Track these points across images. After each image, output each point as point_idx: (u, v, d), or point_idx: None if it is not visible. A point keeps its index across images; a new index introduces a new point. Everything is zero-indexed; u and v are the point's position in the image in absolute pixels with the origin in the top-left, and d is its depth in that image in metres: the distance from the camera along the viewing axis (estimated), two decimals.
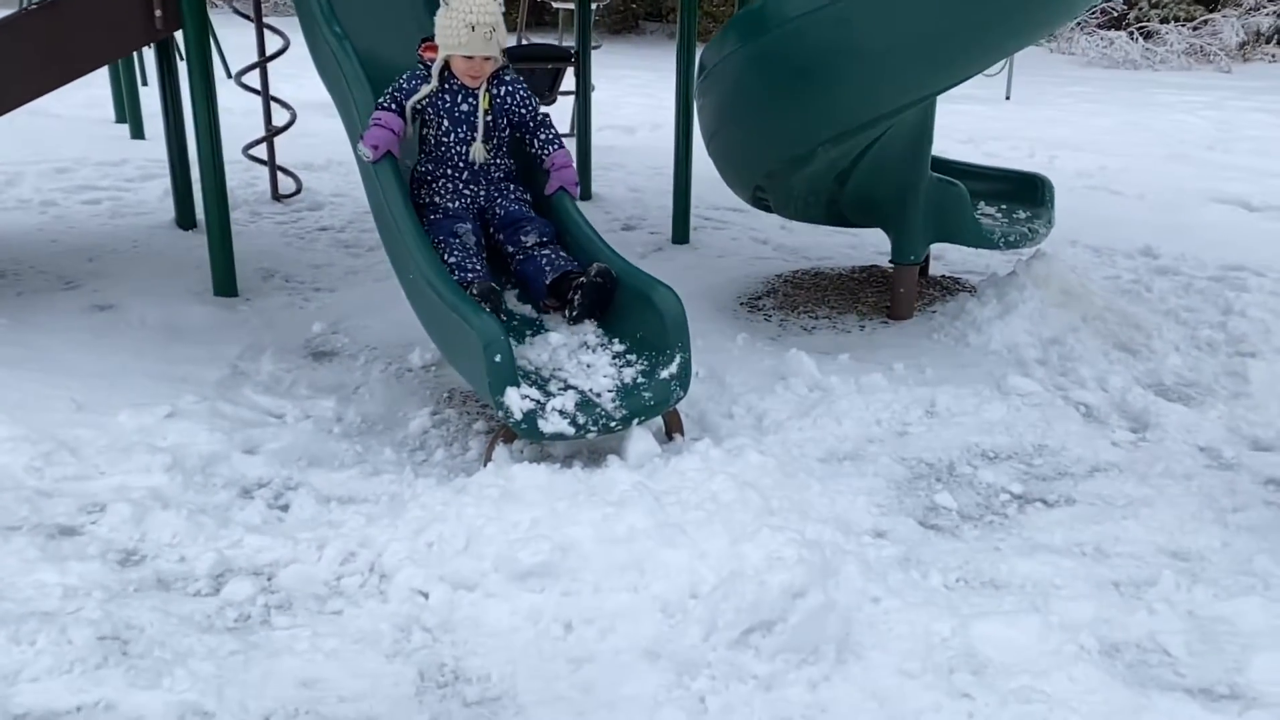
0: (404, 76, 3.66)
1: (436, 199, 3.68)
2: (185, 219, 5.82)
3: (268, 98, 6.33)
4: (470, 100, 3.62)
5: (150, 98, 7.51)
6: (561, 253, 3.59)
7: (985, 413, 3.82)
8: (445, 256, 3.47)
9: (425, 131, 3.69)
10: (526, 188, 3.80)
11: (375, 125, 3.56)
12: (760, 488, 2.93)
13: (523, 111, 3.70)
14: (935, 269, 5.69)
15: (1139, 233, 6.36)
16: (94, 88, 8.85)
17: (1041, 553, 2.88)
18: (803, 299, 5.20)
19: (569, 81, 7.51)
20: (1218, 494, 3.27)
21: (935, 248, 5.75)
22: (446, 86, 3.61)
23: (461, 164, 3.67)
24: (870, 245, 6.15)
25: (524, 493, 2.85)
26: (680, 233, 6.14)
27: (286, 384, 3.97)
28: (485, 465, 3.14)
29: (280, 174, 6.60)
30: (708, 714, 2.18)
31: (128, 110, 8.46)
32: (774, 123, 4.34)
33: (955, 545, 2.94)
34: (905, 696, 2.24)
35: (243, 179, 6.91)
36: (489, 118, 3.64)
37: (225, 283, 4.85)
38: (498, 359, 3.02)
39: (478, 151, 3.64)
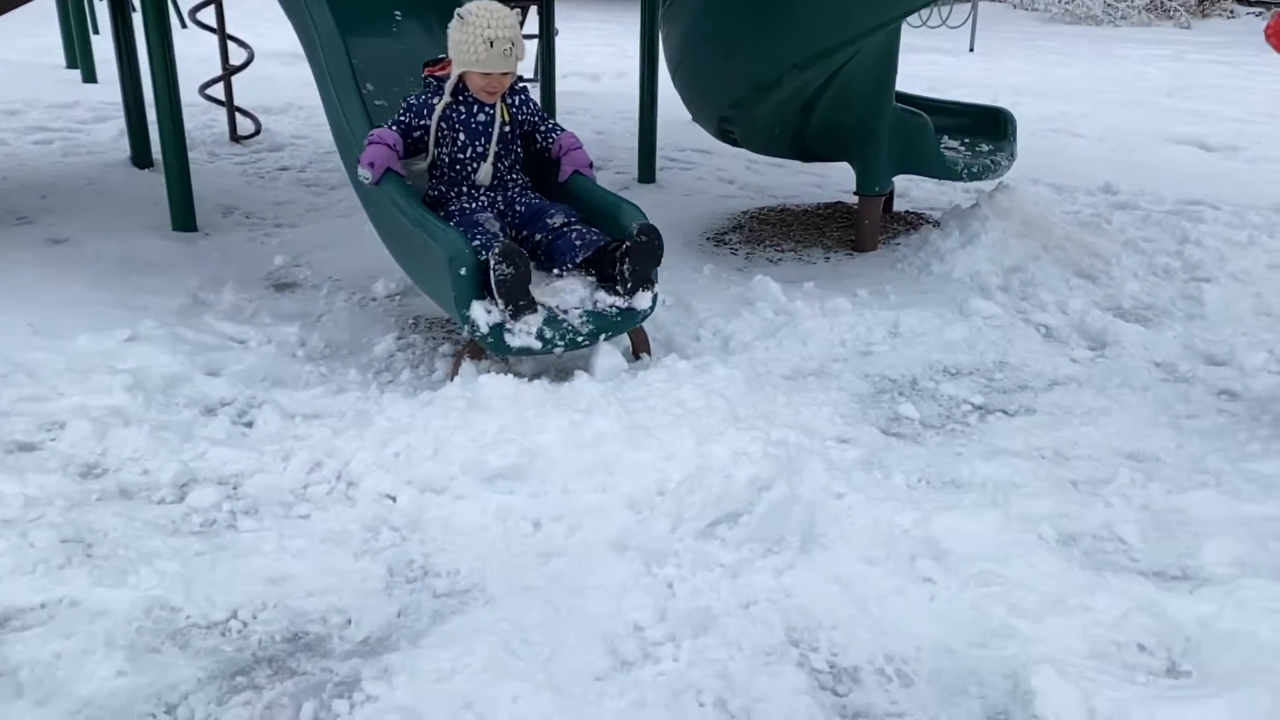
0: (410, 98, 3.42)
1: (453, 208, 3.43)
2: (141, 158, 5.70)
3: (224, 36, 6.20)
4: (486, 111, 3.40)
5: (102, 45, 7.34)
6: (592, 229, 3.31)
7: (947, 333, 3.86)
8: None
9: (438, 151, 3.43)
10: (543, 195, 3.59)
11: (370, 144, 3.31)
12: (727, 396, 2.95)
13: (534, 119, 3.54)
14: (899, 206, 5.73)
15: (1099, 171, 6.43)
16: (44, 34, 8.63)
17: (1002, 456, 2.93)
18: (769, 234, 5.21)
19: (531, 26, 7.42)
20: (1173, 402, 3.34)
21: (899, 186, 5.79)
22: (461, 99, 3.38)
23: (478, 178, 3.45)
24: (835, 184, 6.17)
25: (491, 402, 2.84)
26: (646, 172, 6.12)
27: (249, 312, 3.92)
28: (452, 380, 3.13)
29: (239, 115, 6.47)
30: (675, 598, 2.20)
31: (79, 55, 8.25)
32: (739, 48, 4.32)
33: (917, 450, 2.98)
34: (868, 581, 2.28)
35: (200, 121, 6.78)
36: (506, 128, 3.43)
37: (184, 218, 4.76)
38: (463, 272, 3.00)
39: (484, 174, 3.41)
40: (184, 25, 8.75)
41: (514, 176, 3.51)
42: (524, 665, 1.99)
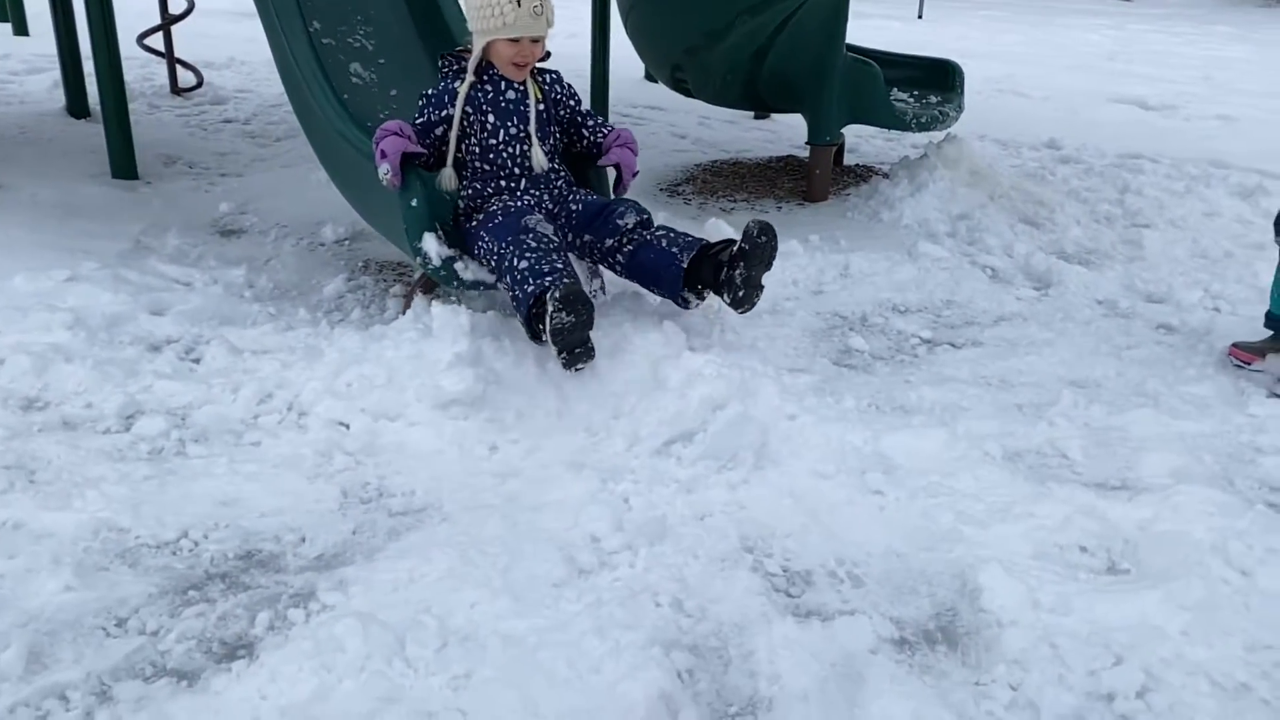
0: (428, 91, 3.00)
1: (492, 207, 2.92)
2: (77, 107, 5.54)
3: None
4: (516, 89, 2.94)
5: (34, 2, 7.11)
6: (677, 229, 2.90)
7: (897, 274, 3.92)
8: (514, 262, 2.66)
9: (467, 144, 2.97)
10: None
11: (381, 136, 2.85)
12: (681, 326, 2.96)
13: (571, 104, 3.09)
14: (849, 160, 5.77)
15: (1043, 128, 6.54)
16: None
17: (949, 383, 2.99)
18: (721, 185, 5.22)
19: None
20: (1114, 335, 3.43)
21: (849, 142, 5.85)
22: (485, 78, 2.94)
23: (517, 170, 2.94)
24: (786, 139, 6.20)
25: (444, 332, 2.82)
26: None
27: (193, 256, 3.85)
28: (404, 314, 3.10)
29: (180, 68, 6.30)
30: (631, 511, 2.22)
31: (9, 9, 7.97)
32: None
33: (868, 379, 3.03)
34: (820, 494, 2.32)
35: (138, 74, 6.59)
36: (541, 108, 2.97)
37: (124, 166, 4.64)
38: (414, 203, 2.96)
39: (538, 157, 2.93)
40: None
41: (557, 167, 3.04)
42: (481, 574, 1.99)
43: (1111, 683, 1.77)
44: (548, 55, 2.99)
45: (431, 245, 2.99)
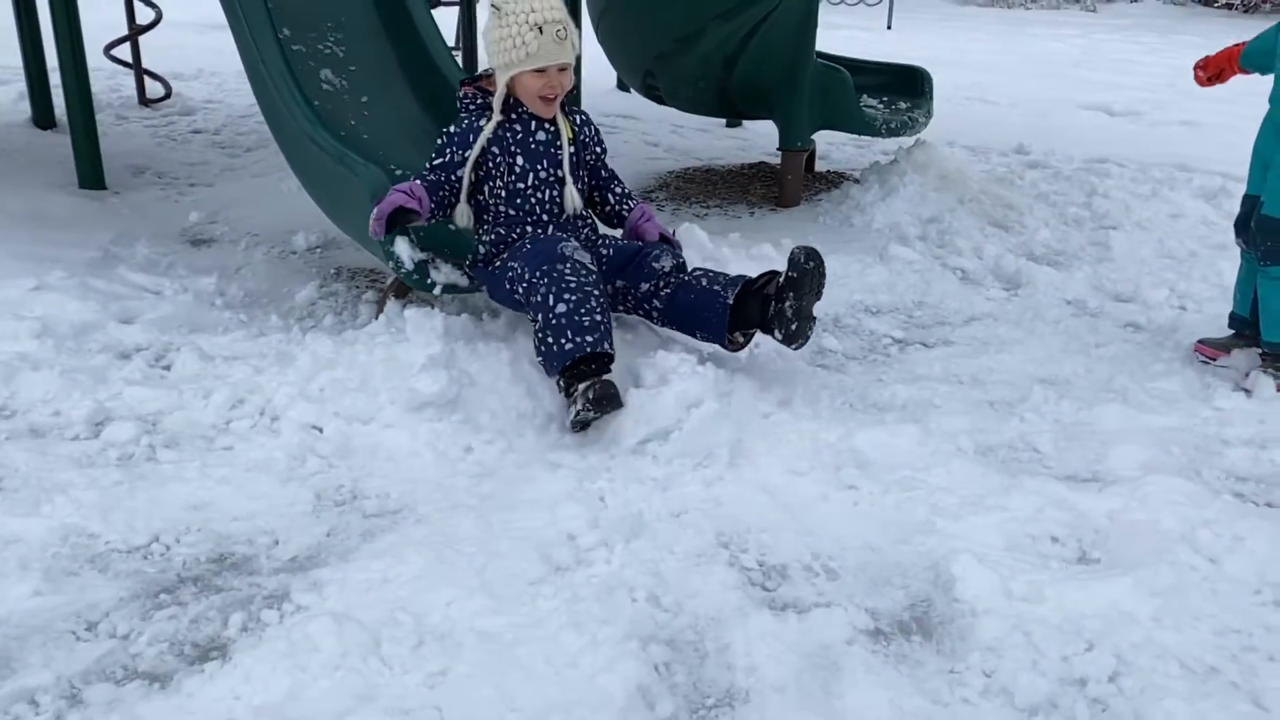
0: (450, 129, 2.82)
1: (517, 242, 2.76)
2: (43, 118, 5.48)
3: None
4: (546, 129, 2.78)
5: None
6: (713, 270, 2.77)
7: (868, 276, 3.96)
8: (550, 301, 2.48)
9: (490, 186, 2.80)
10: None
11: (392, 191, 2.71)
12: (653, 329, 2.97)
13: (598, 151, 2.96)
14: (820, 167, 5.82)
15: (1012, 134, 6.62)
16: None
17: (922, 381, 3.02)
18: (694, 191, 5.25)
19: None
20: (1083, 333, 3.48)
21: (820, 149, 5.89)
22: (513, 117, 2.77)
23: (546, 215, 2.78)
24: (758, 146, 6.24)
25: (418, 335, 2.81)
26: None
27: (163, 265, 3.81)
28: (377, 319, 3.09)
29: (148, 79, 6.26)
30: (607, 509, 2.22)
31: None
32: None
33: (841, 378, 3.05)
34: (795, 489, 2.33)
35: (106, 85, 6.54)
36: (572, 149, 2.81)
37: (92, 176, 4.60)
38: None
39: (572, 200, 2.77)
40: None
41: (584, 212, 2.90)
42: (457, 573, 1.99)
43: (1084, 668, 1.79)
44: (575, 89, 2.81)
45: (404, 249, 2.99)
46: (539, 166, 2.77)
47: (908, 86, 5.43)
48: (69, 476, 2.31)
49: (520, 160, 2.76)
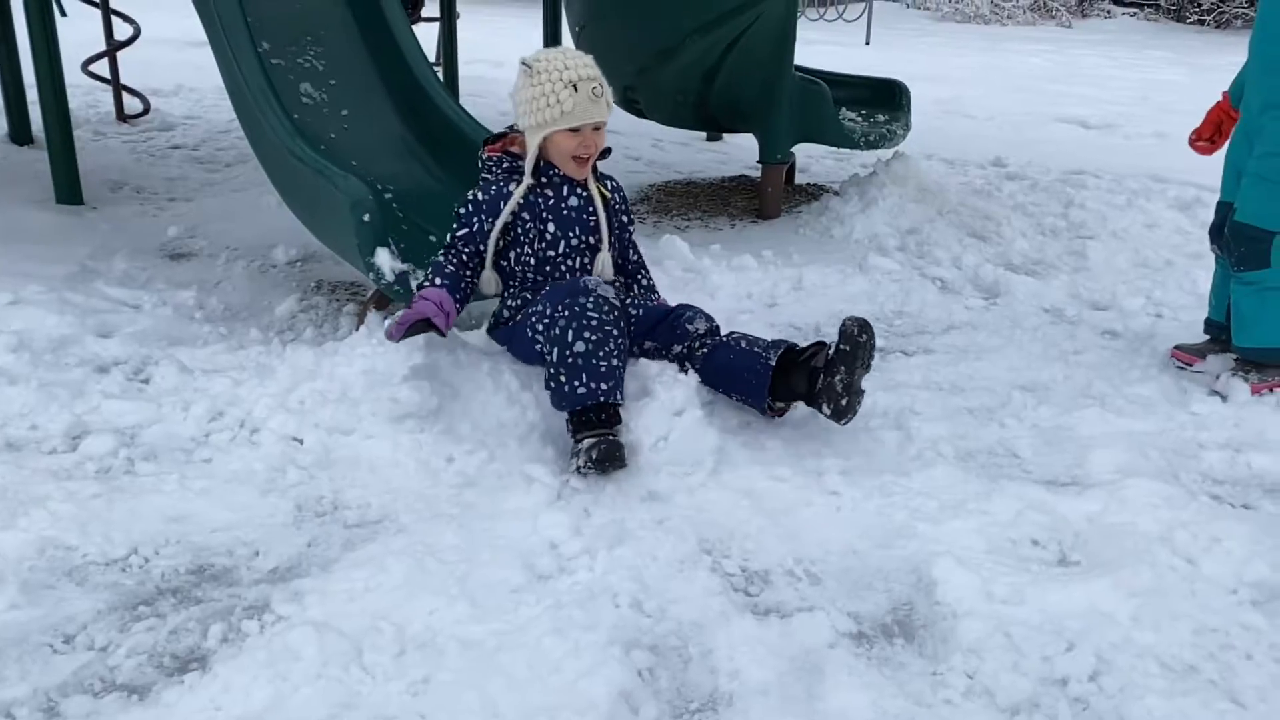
0: (469, 197, 2.66)
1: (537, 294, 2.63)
2: (20, 134, 5.45)
3: (107, 10, 5.97)
4: (579, 194, 2.68)
5: None
6: (750, 334, 2.66)
7: (849, 286, 3.98)
8: (569, 337, 2.37)
9: (518, 252, 2.67)
10: None
11: (418, 299, 2.58)
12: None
13: (624, 220, 2.84)
14: (800, 180, 5.86)
15: (990, 147, 6.69)
16: None
17: (902, 388, 3.03)
18: (676, 204, 5.27)
19: (432, 9, 7.35)
20: (1061, 341, 3.51)
21: (800, 162, 5.94)
22: (543, 181, 2.65)
23: (597, 273, 2.70)
24: (738, 160, 6.28)
25: (399, 346, 2.80)
26: None
27: (142, 280, 3.79)
28: (358, 330, 3.08)
29: (126, 95, 6.24)
30: (590, 518, 2.22)
31: None
32: (641, 13, 4.37)
33: None
34: (777, 495, 2.34)
35: (83, 101, 6.52)
36: (604, 214, 2.69)
37: (69, 191, 4.58)
38: (366, 218, 2.96)
39: (604, 266, 2.67)
40: (63, 14, 8.41)
41: (615, 280, 2.79)
42: (439, 581, 1.98)
43: (1065, 668, 1.80)
44: (608, 151, 2.71)
45: (385, 260, 2.99)
46: (571, 234, 2.66)
47: (886, 100, 5.48)
48: (46, 489, 2.29)
49: (552, 227, 2.64)
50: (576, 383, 2.36)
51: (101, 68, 6.11)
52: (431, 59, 7.85)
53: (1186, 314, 3.75)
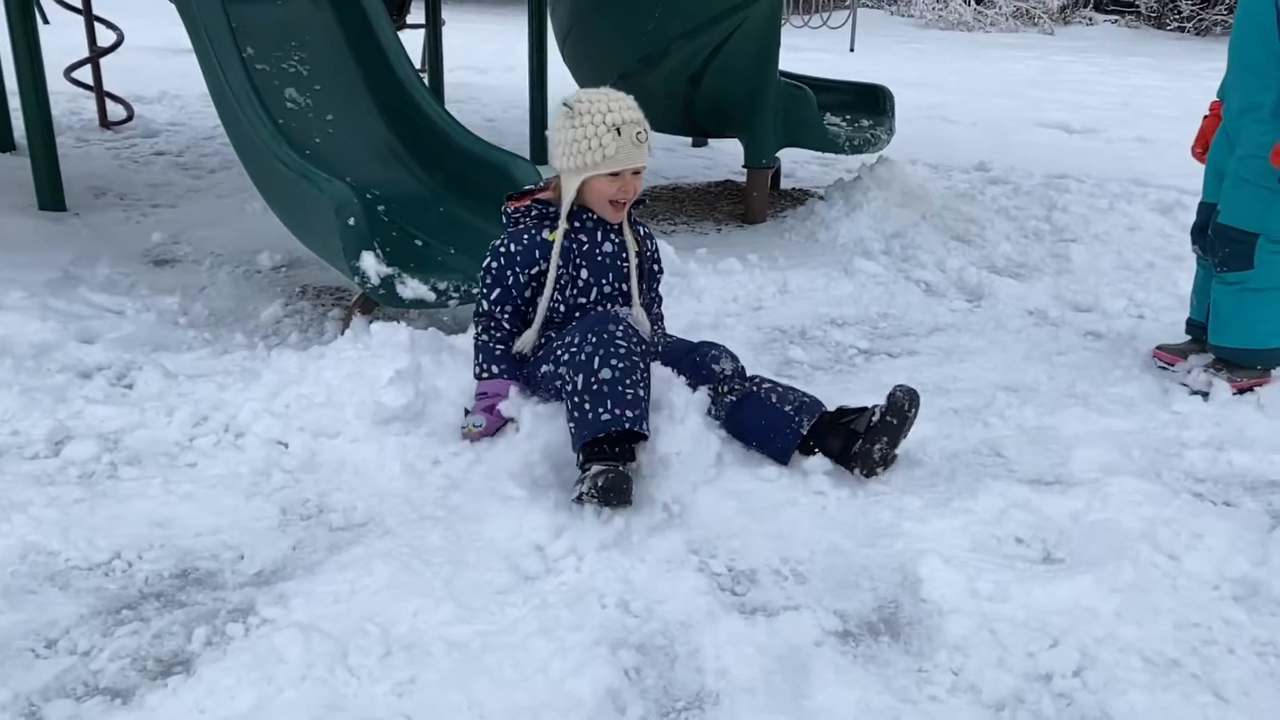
0: (499, 249, 2.54)
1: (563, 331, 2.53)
2: (2, 141, 5.43)
3: (90, 17, 5.95)
4: (613, 240, 2.60)
5: None
6: (783, 384, 2.58)
7: (834, 289, 4.00)
8: (596, 364, 2.30)
9: (552, 293, 2.57)
10: None
11: (480, 400, 2.52)
12: None
13: (655, 268, 2.76)
14: (785, 185, 5.88)
15: (973, 151, 6.73)
16: None
17: (886, 390, 3.03)
18: (661, 209, 5.28)
19: (417, 15, 7.36)
20: (1044, 342, 3.53)
21: (785, 167, 5.96)
22: (577, 225, 2.56)
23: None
24: (724, 165, 6.30)
25: (384, 350, 2.80)
26: (539, 155, 6.11)
27: (125, 286, 3.78)
28: (343, 334, 3.08)
29: (109, 101, 6.21)
30: (576, 519, 2.21)
31: None
32: (626, 18, 4.38)
33: (808, 388, 3.04)
34: (764, 496, 2.34)
35: (66, 108, 6.49)
36: (637, 261, 2.62)
37: (51, 197, 4.56)
38: (351, 222, 2.96)
39: (640, 317, 2.58)
40: (45, 21, 8.38)
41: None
42: (424, 583, 1.97)
43: (1049, 663, 1.81)
44: (643, 200, 2.65)
45: (370, 264, 2.99)
46: (604, 280, 2.58)
47: (870, 105, 5.52)
48: (28, 495, 2.27)
49: (585, 273, 2.56)
50: (601, 409, 2.26)
51: (84, 74, 6.09)
52: (417, 65, 7.86)
53: (1168, 315, 3.78)
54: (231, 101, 3.37)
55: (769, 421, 2.45)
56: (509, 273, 2.55)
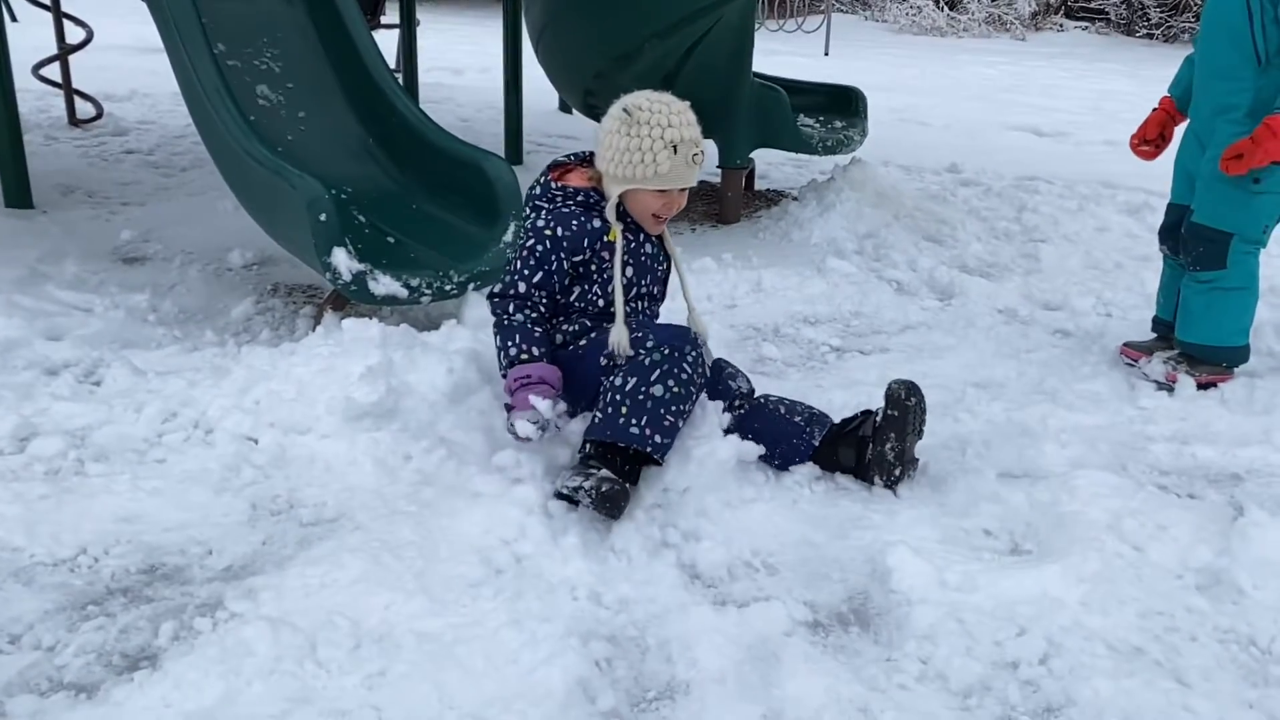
0: (543, 229, 2.42)
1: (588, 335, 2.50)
2: None
3: (59, 14, 5.88)
4: (653, 240, 2.57)
5: None
6: (790, 399, 2.56)
7: (807, 288, 4.02)
8: (651, 378, 2.27)
9: (584, 288, 2.49)
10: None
11: (523, 385, 2.34)
12: None
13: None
14: (760, 185, 5.91)
15: (945, 154, 6.79)
16: None
17: (858, 386, 3.06)
18: None
19: (391, 15, 7.34)
20: (1014, 340, 3.57)
21: (759, 168, 5.98)
22: (625, 224, 2.49)
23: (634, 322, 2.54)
24: None
25: (356, 346, 2.78)
26: (514, 154, 6.12)
27: (93, 283, 3.73)
28: (314, 330, 3.06)
29: (78, 99, 6.14)
30: (549, 513, 2.21)
31: None
32: (600, 17, 4.39)
33: (780, 384, 3.09)
34: (735, 488, 2.35)
35: (34, 105, 6.41)
36: (662, 266, 2.61)
37: (18, 195, 4.50)
38: (323, 218, 2.95)
39: (696, 319, 2.60)
40: (14, 19, 8.27)
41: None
42: (395, 577, 1.97)
43: (1016, 651, 1.83)
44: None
45: (341, 260, 2.98)
46: (644, 280, 2.53)
47: (843, 106, 5.56)
48: None
49: (630, 271, 2.49)
50: (634, 420, 2.21)
51: (53, 72, 6.02)
52: (391, 66, 7.82)
53: (1135, 313, 3.84)
54: (202, 98, 3.34)
55: (781, 432, 2.42)
56: (554, 257, 2.41)
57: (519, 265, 2.44)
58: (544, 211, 2.45)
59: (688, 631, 1.85)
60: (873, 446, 2.37)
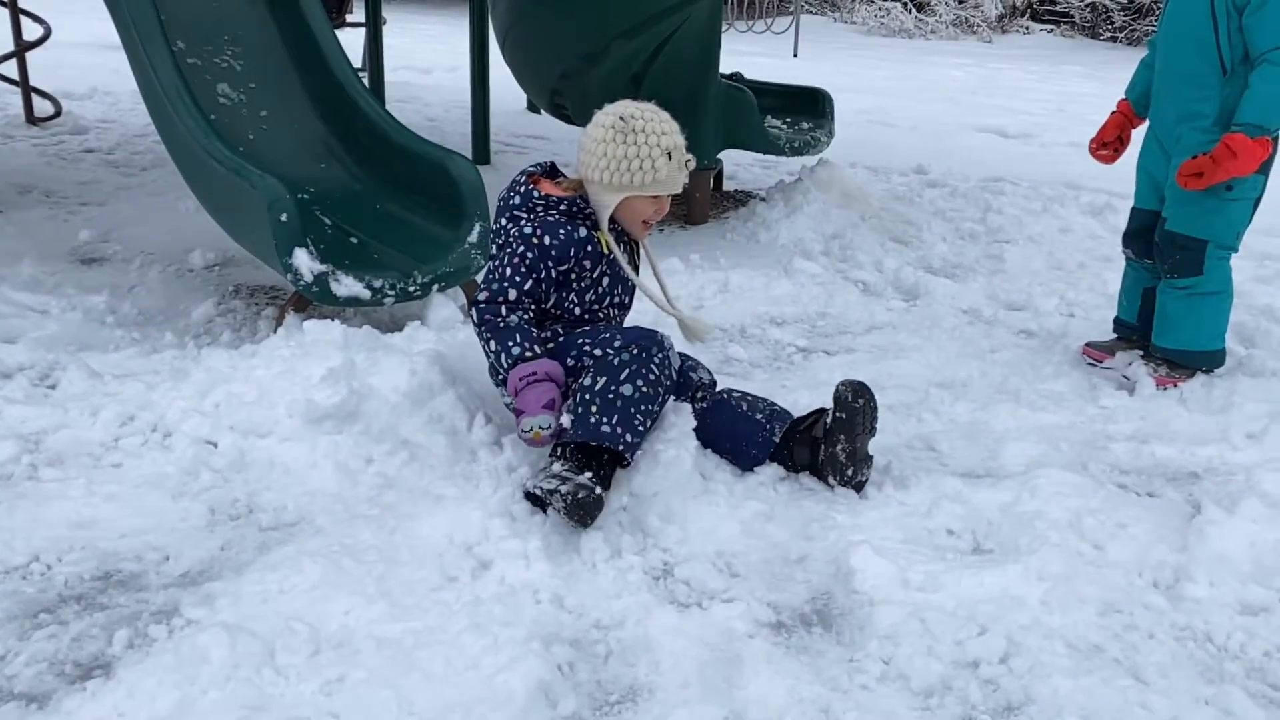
0: (530, 238, 2.39)
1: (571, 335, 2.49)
2: None
3: (16, 10, 5.77)
4: (629, 250, 2.61)
5: None
6: (751, 394, 2.56)
7: (774, 289, 4.03)
8: (621, 378, 2.28)
9: (562, 295, 2.49)
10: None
11: (530, 383, 2.30)
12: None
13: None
14: (728, 186, 5.92)
15: (911, 155, 6.83)
16: None
17: (823, 387, 3.05)
18: None
19: (358, 14, 7.28)
20: (977, 340, 3.60)
21: (728, 169, 5.99)
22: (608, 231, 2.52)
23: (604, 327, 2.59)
24: None
25: (317, 348, 2.75)
26: (481, 154, 6.08)
27: (50, 284, 3.66)
28: (276, 332, 3.02)
29: (36, 96, 6.04)
30: (512, 518, 2.19)
31: None
32: (566, 16, 4.37)
33: (746, 384, 3.07)
34: (699, 489, 2.34)
35: None
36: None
37: None
38: (284, 218, 2.91)
39: (689, 316, 2.65)
40: None
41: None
42: (355, 582, 1.94)
43: (976, 651, 1.84)
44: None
45: (303, 261, 2.95)
46: (617, 290, 2.58)
47: (809, 108, 5.58)
48: None
49: (607, 281, 2.53)
50: (605, 419, 2.22)
51: (9, 69, 5.91)
52: (357, 65, 7.78)
53: (1098, 313, 3.88)
54: (161, 97, 3.29)
55: (742, 430, 2.44)
56: (543, 265, 2.41)
57: (509, 272, 2.41)
58: (528, 220, 2.44)
59: (650, 634, 1.84)
60: (825, 448, 2.39)
